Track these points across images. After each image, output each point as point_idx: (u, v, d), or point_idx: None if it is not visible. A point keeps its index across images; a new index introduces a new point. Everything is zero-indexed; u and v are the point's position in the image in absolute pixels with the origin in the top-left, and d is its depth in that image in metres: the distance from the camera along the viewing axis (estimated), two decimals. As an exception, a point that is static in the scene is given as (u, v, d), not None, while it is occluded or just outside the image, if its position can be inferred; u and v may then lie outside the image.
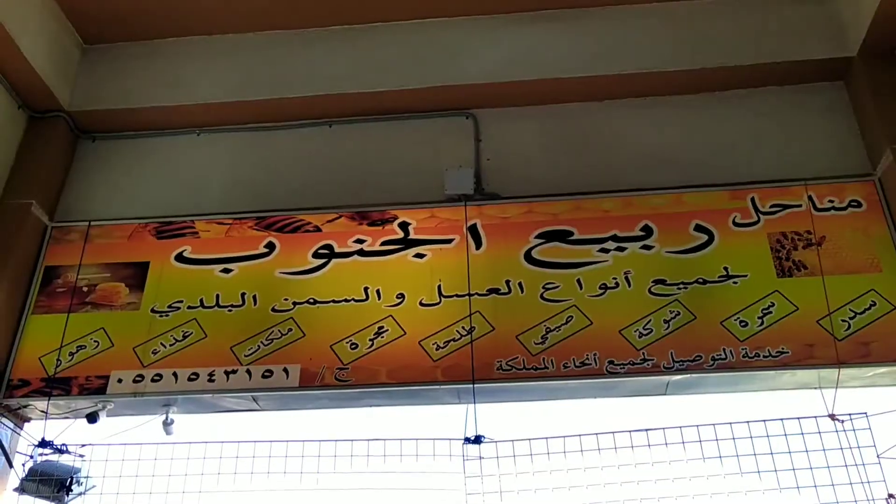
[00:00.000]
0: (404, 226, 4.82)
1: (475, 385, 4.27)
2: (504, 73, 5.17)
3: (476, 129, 5.19)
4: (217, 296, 4.68)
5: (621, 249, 4.60)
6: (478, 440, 4.18)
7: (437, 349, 4.39)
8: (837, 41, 4.94)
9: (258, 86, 5.32)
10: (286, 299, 4.63)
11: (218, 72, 5.41)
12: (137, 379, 4.45)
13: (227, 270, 4.78)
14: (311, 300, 4.62)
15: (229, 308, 4.64)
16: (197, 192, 5.16)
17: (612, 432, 4.12)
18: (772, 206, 4.64)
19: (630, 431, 4.16)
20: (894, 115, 4.63)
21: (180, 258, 4.85)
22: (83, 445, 4.40)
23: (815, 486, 3.97)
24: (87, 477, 4.35)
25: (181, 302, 4.68)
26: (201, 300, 4.67)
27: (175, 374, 4.44)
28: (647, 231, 4.65)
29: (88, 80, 5.47)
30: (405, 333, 4.45)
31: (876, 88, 4.74)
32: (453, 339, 4.41)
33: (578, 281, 4.52)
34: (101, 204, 5.18)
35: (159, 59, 5.50)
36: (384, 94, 5.21)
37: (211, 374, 4.43)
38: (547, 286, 4.52)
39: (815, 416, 4.10)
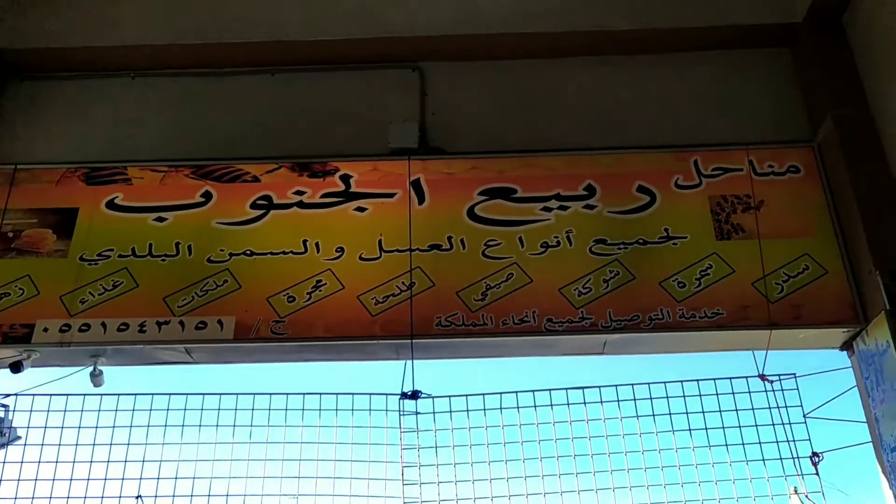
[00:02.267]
0: (346, 178, 4.72)
1: (413, 340, 4.23)
2: (453, 26, 5.06)
3: (422, 83, 5.08)
4: (150, 245, 4.53)
5: (564, 208, 4.58)
6: (415, 395, 4.17)
7: (375, 304, 4.33)
8: (784, 7, 4.95)
9: (198, 29, 5.11)
10: (222, 250, 4.51)
11: (155, 12, 5.18)
12: (64, 328, 4.29)
13: (161, 219, 4.63)
14: (248, 252, 4.50)
15: (163, 258, 4.50)
16: (130, 137, 4.96)
17: (549, 390, 4.17)
18: (714, 170, 4.66)
19: (566, 389, 4.21)
20: (837, 83, 4.66)
21: (111, 205, 4.67)
22: (7, 395, 4.29)
23: (744, 444, 4.09)
24: (11, 427, 4.24)
25: (112, 250, 4.52)
26: (133, 249, 4.52)
27: (104, 325, 4.30)
28: (591, 191, 4.63)
29: (17, 17, 5.17)
30: (343, 287, 4.38)
31: (820, 55, 4.77)
32: (393, 294, 4.35)
33: (520, 239, 4.49)
34: (29, 147, 4.94)
35: (93, -3, 5.25)
36: (329, 43, 5.06)
37: (142, 325, 4.30)
38: (489, 243, 4.48)
39: (746, 377, 4.21)
